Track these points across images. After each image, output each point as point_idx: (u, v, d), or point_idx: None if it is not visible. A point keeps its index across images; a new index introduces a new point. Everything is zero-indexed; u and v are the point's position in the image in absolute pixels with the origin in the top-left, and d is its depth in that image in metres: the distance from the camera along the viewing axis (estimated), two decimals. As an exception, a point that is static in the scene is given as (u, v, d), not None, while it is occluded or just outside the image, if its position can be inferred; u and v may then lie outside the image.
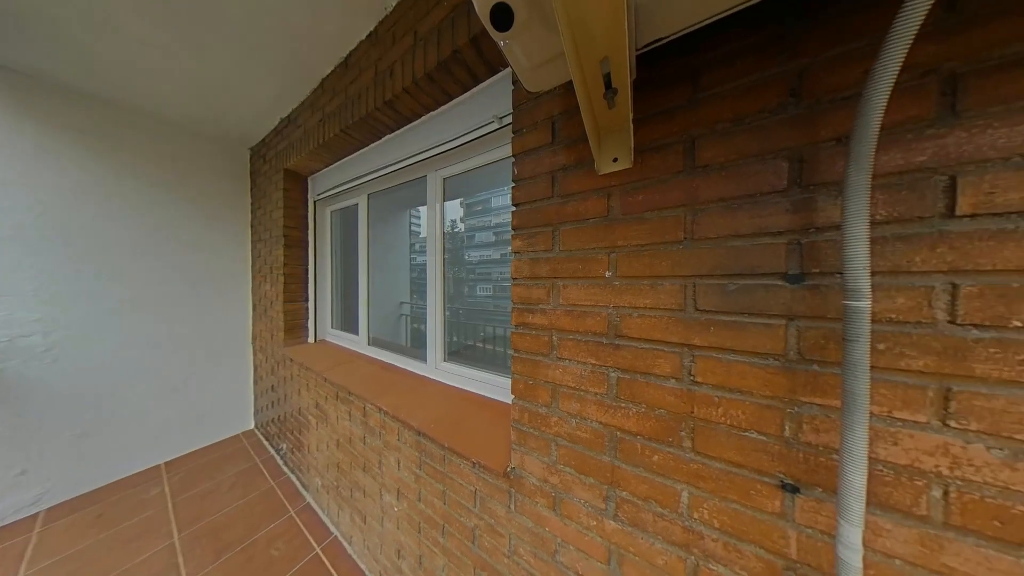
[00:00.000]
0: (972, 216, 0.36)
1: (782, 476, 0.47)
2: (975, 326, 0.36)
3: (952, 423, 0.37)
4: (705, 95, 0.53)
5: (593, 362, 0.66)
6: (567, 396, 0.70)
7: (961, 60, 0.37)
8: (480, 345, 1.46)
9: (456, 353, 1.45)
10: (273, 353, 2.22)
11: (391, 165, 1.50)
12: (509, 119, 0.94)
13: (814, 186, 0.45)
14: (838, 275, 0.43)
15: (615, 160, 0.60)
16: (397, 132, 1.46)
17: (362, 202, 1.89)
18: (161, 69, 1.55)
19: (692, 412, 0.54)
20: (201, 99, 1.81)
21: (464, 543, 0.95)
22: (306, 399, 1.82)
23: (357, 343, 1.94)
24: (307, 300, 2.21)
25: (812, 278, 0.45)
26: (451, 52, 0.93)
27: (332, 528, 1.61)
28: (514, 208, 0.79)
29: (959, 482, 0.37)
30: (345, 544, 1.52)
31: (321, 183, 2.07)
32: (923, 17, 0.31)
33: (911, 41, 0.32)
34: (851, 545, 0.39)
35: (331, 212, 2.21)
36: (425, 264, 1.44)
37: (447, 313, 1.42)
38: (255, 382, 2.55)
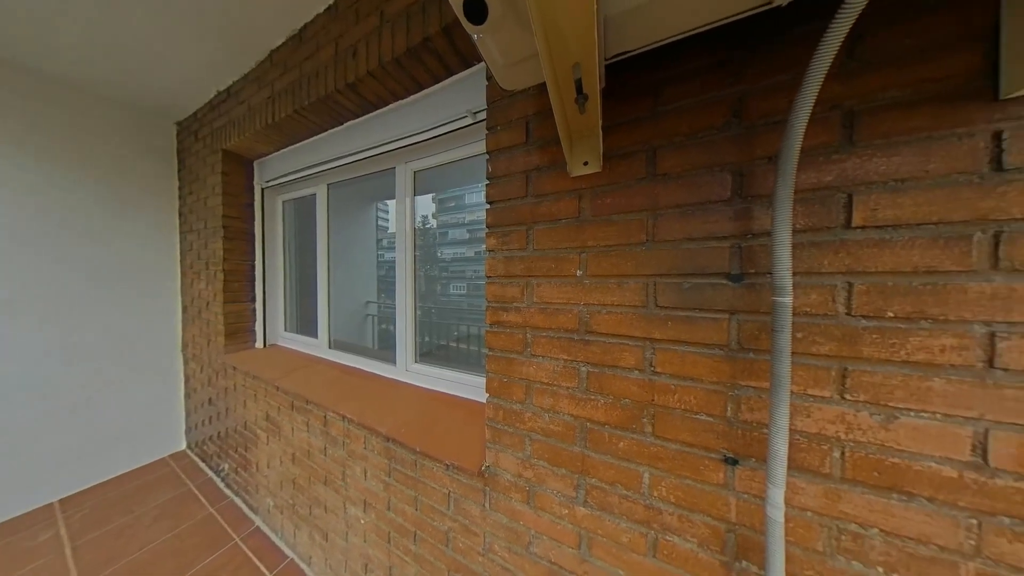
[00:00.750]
0: (862, 228, 0.45)
1: (725, 451, 0.54)
2: (863, 316, 0.45)
3: (847, 396, 0.46)
4: (665, 109, 0.57)
5: (565, 358, 0.68)
6: (541, 392, 0.72)
7: (857, 99, 0.45)
8: (454, 345, 1.43)
9: (428, 354, 1.41)
10: (210, 362, 1.93)
11: (355, 154, 1.39)
12: (483, 115, 0.93)
13: (751, 197, 0.51)
14: (768, 275, 0.50)
15: (585, 164, 0.63)
16: (362, 118, 1.35)
17: (321, 192, 1.72)
18: (50, 13, 1.24)
19: (653, 400, 0.60)
20: (109, 55, 1.49)
21: (437, 547, 0.93)
22: (253, 411, 1.62)
23: (316, 347, 1.77)
24: (254, 300, 1.96)
25: (749, 278, 0.52)
26: (421, 39, 0.89)
27: (287, 551, 1.46)
28: (488, 206, 0.79)
29: (851, 443, 0.46)
30: (303, 566, 1.39)
31: (271, 169, 1.84)
32: (831, 59, 0.37)
33: (822, 79, 0.38)
34: (776, 504, 0.46)
35: (283, 202, 1.98)
36: (394, 261, 1.36)
37: (418, 313, 1.36)
38: (187, 396, 2.20)
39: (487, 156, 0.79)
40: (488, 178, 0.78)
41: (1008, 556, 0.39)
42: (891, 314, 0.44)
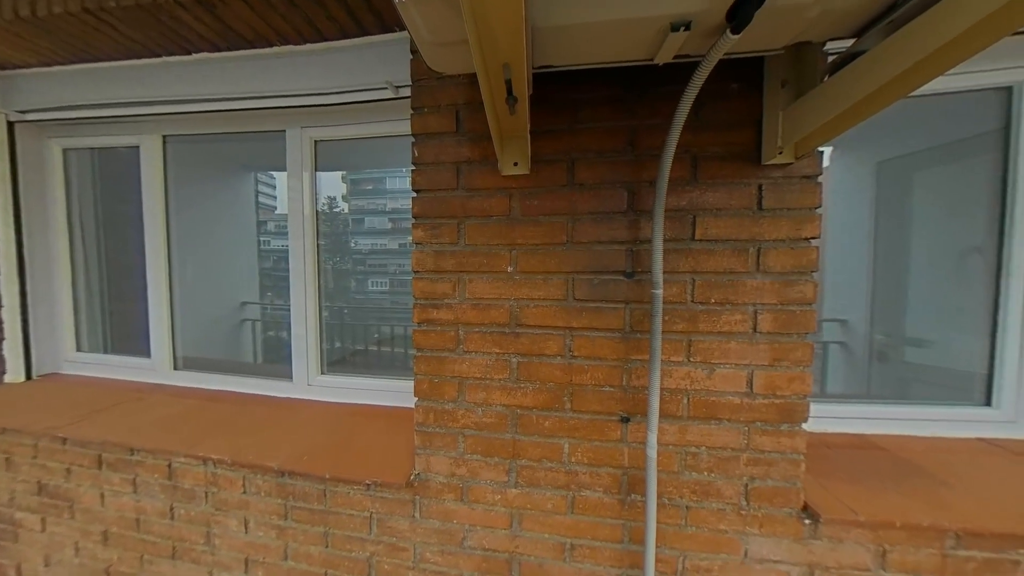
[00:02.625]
0: (700, 240, 0.64)
1: (621, 413, 0.68)
2: (700, 303, 0.64)
3: (691, 359, 0.65)
4: (582, 126, 0.66)
5: (497, 351, 0.70)
6: (474, 387, 0.72)
7: (699, 148, 0.63)
8: (375, 349, 1.26)
9: (341, 362, 1.20)
10: None
11: (214, 100, 1.02)
12: (408, 92, 0.84)
13: (639, 211, 0.65)
14: (648, 272, 0.65)
15: (516, 164, 0.65)
16: (226, 54, 1.00)
17: (150, 146, 1.19)
18: None
19: (571, 380, 0.69)
20: None
21: (357, 579, 0.82)
22: (6, 486, 1.01)
23: (149, 371, 1.25)
24: (0, 306, 1.20)
25: (638, 275, 0.66)
26: (321, -24, 0.72)
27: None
28: (415, 194, 0.72)
29: (693, 392, 0.66)
30: None
31: (35, 91, 1.15)
32: (686, 116, 0.51)
33: (681, 128, 0.52)
34: (652, 445, 0.61)
35: (66, 150, 1.28)
36: (287, 251, 1.08)
37: (325, 315, 1.13)
38: None
39: (413, 139, 0.71)
40: (414, 164, 0.71)
41: (765, 446, 0.64)
42: (713, 300, 0.64)
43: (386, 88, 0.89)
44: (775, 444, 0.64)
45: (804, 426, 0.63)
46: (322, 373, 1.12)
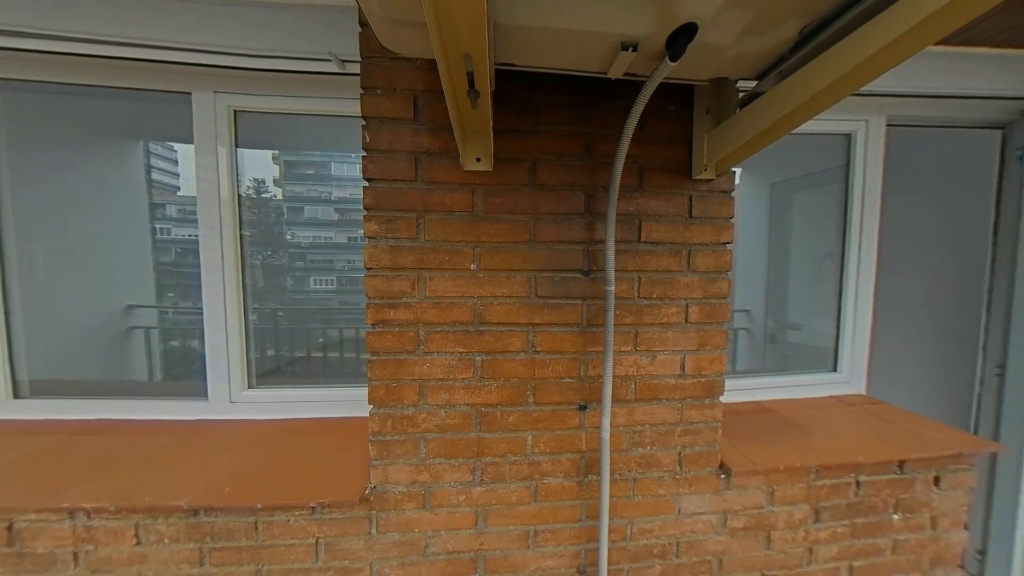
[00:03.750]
0: (645, 242, 0.72)
1: (579, 401, 0.73)
2: (644, 298, 0.72)
3: (638, 348, 0.73)
4: (543, 128, 0.68)
5: (461, 350, 0.69)
6: (436, 389, 0.69)
7: (644, 160, 0.70)
8: (319, 354, 1.12)
9: (275, 373, 1.03)
10: None
11: (78, 40, 0.78)
12: (356, 68, 0.75)
13: (595, 214, 0.70)
14: (602, 271, 0.70)
15: (478, 160, 0.64)
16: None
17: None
18: None
19: (534, 375, 0.71)
20: None
21: (301, 615, 0.73)
22: None
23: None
24: None
25: (594, 273, 0.71)
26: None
27: None
28: (367, 183, 0.65)
29: (639, 377, 0.74)
30: None
31: None
32: (633, 129, 0.56)
33: (629, 140, 0.57)
34: (606, 428, 0.67)
35: None
36: (195, 242, 0.89)
37: (253, 317, 0.97)
38: None
39: (364, 122, 0.65)
40: (366, 150, 0.65)
41: (693, 418, 0.75)
42: (655, 296, 0.73)
43: (329, 60, 0.78)
44: (701, 416, 0.76)
45: (721, 399, 0.76)
46: (250, 387, 0.96)
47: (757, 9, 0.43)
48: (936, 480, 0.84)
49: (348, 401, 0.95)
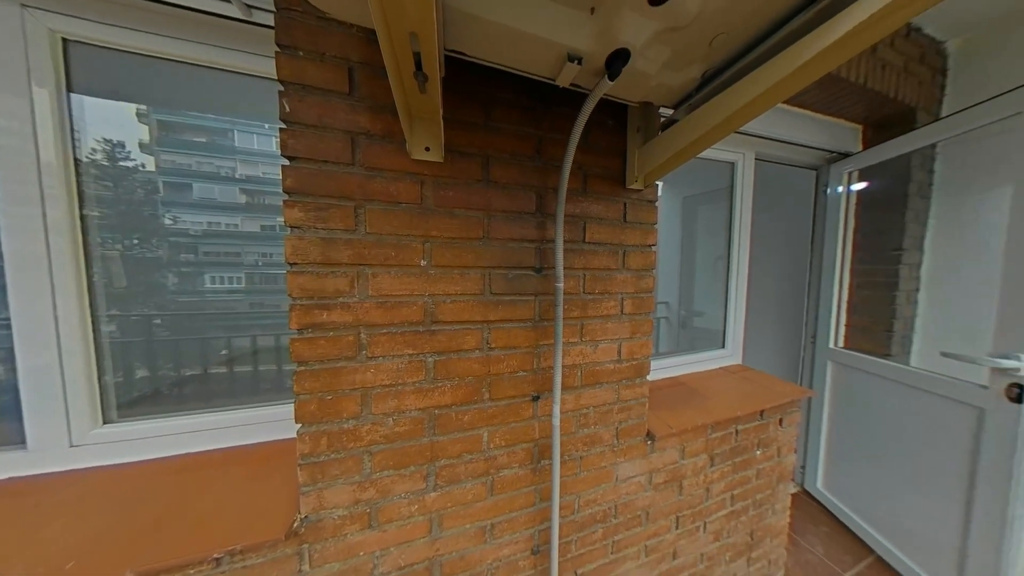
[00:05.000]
0: (589, 243, 0.79)
1: (532, 393, 0.76)
2: (589, 294, 0.80)
3: (584, 339, 0.81)
4: (496, 125, 0.67)
5: (411, 352, 0.65)
6: (383, 396, 0.63)
7: (588, 166, 0.77)
8: (222, 371, 0.89)
9: (150, 399, 0.79)
10: None
11: None
12: (270, 19, 0.62)
13: (545, 214, 0.74)
14: (553, 268, 0.75)
15: (428, 150, 0.60)
16: None
17: None
18: None
19: (489, 371, 0.71)
20: None
21: None
22: None
23: None
24: None
25: (545, 271, 0.75)
26: None
27: None
28: (287, 162, 0.55)
29: (584, 365, 0.81)
30: None
31: None
32: (579, 137, 0.60)
33: (575, 147, 0.62)
34: (556, 415, 0.72)
35: None
36: (-11, 222, 0.62)
37: (110, 328, 0.73)
38: None
39: (281, 87, 0.54)
40: (285, 121, 0.54)
41: (628, 396, 0.87)
42: (597, 291, 0.81)
43: (229, 1, 0.62)
44: (633, 394, 0.88)
45: (648, 378, 0.90)
46: (107, 422, 0.71)
47: (672, 49, 0.52)
48: (780, 421, 1.16)
49: (264, 424, 0.80)
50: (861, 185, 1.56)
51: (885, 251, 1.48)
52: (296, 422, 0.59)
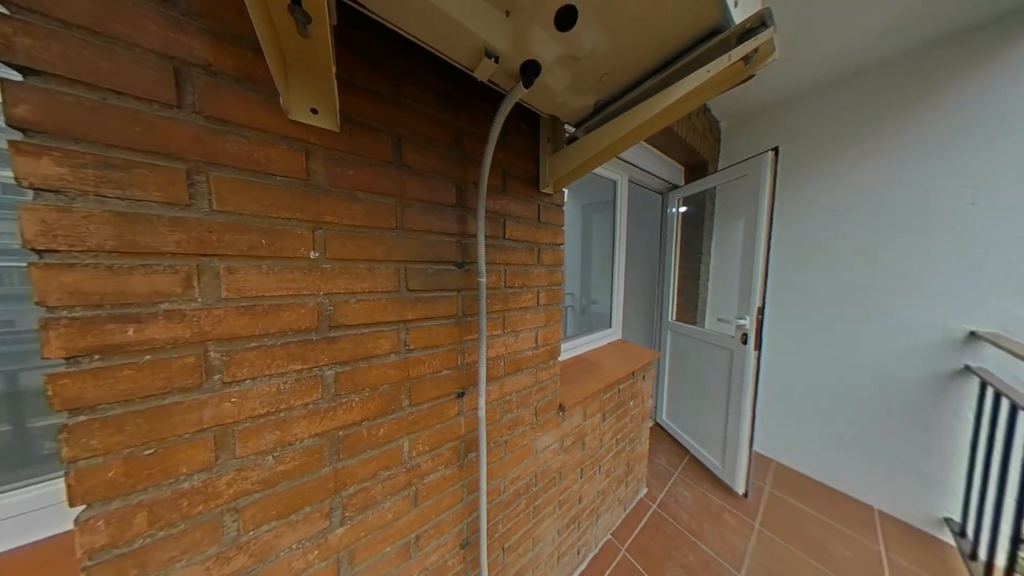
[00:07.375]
0: (509, 239, 0.83)
1: (457, 390, 0.75)
2: (509, 288, 0.84)
3: (506, 330, 0.85)
4: (407, 103, 0.60)
5: (298, 367, 0.51)
6: (254, 431, 0.48)
7: (506, 167, 0.80)
8: None
9: None
10: None
11: None
12: None
13: (466, 208, 0.72)
14: (475, 263, 0.75)
15: (315, 112, 0.48)
16: None
17: None
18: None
19: (408, 375, 0.65)
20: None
21: None
22: None
23: None
24: None
25: (467, 265, 0.74)
26: None
27: None
28: (20, 76, 0.32)
29: (507, 355, 0.86)
30: None
31: None
32: (498, 135, 0.62)
33: (494, 146, 0.63)
34: (481, 407, 0.74)
35: None
36: None
37: None
38: None
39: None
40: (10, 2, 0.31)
41: (544, 378, 0.98)
42: (517, 285, 0.86)
43: None
44: (548, 375, 1.00)
45: (559, 359, 1.04)
46: None
47: (572, 75, 0.60)
48: (644, 377, 1.59)
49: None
50: (684, 208, 2.28)
51: (694, 254, 2.24)
52: (72, 504, 0.37)
